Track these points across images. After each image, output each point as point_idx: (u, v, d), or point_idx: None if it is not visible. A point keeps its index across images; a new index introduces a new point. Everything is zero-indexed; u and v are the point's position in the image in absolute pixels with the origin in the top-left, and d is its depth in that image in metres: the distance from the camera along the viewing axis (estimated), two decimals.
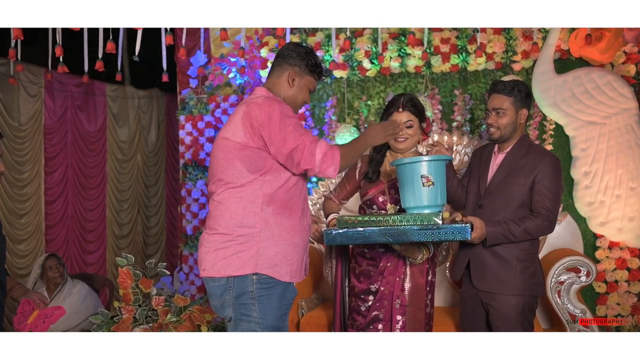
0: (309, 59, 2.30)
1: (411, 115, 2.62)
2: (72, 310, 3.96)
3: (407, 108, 2.62)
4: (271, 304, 2.17)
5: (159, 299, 2.99)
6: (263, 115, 2.11)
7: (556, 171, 2.62)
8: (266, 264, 2.14)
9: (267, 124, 2.11)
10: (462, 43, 4.05)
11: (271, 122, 2.10)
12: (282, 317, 2.22)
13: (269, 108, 2.12)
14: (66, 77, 5.96)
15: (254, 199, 2.14)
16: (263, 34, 4.54)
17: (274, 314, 2.17)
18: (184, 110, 5.06)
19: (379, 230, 2.33)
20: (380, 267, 2.62)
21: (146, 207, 7.20)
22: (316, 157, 2.11)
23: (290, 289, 2.24)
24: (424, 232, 2.28)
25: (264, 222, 2.14)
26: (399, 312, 2.58)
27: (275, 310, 2.18)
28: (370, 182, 2.71)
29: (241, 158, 2.14)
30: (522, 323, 2.60)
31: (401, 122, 2.59)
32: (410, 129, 2.61)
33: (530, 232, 2.55)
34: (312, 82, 2.34)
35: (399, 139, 2.61)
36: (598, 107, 3.76)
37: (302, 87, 2.32)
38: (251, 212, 2.15)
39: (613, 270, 3.82)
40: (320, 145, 2.13)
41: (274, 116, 2.11)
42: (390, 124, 2.39)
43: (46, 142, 6.02)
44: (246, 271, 2.13)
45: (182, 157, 5.11)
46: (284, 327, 2.23)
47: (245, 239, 2.14)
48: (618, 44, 3.65)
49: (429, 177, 2.32)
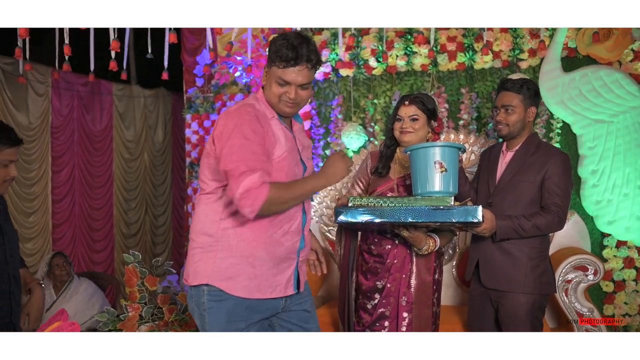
0: (271, 47, 2.07)
1: (417, 110, 2.62)
2: (78, 309, 3.98)
3: (414, 103, 2.63)
4: (219, 318, 2.03)
5: (165, 297, 3.00)
6: (219, 127, 2.02)
7: (566, 168, 2.61)
8: (219, 275, 2.02)
9: (219, 137, 2.00)
10: (469, 41, 4.03)
11: (222, 135, 1.99)
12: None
13: (227, 119, 2.01)
14: (73, 77, 5.98)
15: (216, 207, 2.06)
16: (269, 33, 4.54)
17: (221, 329, 2.02)
18: (190, 109, 5.07)
19: (390, 210, 2.31)
20: (387, 264, 2.62)
21: (154, 206, 7.22)
22: (238, 191, 1.89)
23: (248, 304, 2.05)
24: (435, 212, 2.27)
25: (222, 231, 2.04)
26: (406, 310, 2.58)
27: (222, 325, 2.03)
28: (379, 178, 2.72)
29: (208, 165, 2.08)
30: (531, 322, 2.59)
31: (405, 116, 2.60)
32: (416, 122, 2.62)
33: (540, 227, 2.54)
34: (276, 72, 2.04)
35: (404, 132, 2.62)
36: (606, 105, 3.74)
37: (270, 81, 2.09)
38: (211, 220, 2.06)
39: (621, 269, 3.81)
40: (250, 180, 1.89)
41: (227, 130, 1.98)
42: (343, 153, 2.20)
43: (53, 141, 6.04)
44: (201, 281, 2.04)
45: (188, 155, 5.13)
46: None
47: (206, 249, 2.05)
48: (626, 41, 3.63)
49: (442, 162, 2.32)
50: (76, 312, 3.97)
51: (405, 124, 2.62)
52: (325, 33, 4.34)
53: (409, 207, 2.30)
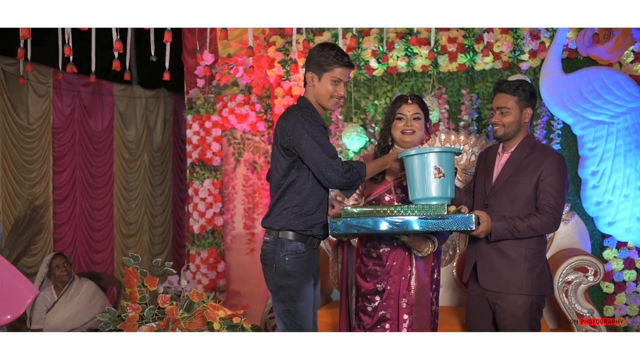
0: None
1: (419, 109, 2.64)
2: (79, 309, 3.98)
3: (415, 101, 2.65)
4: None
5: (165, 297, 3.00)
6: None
7: (561, 169, 2.62)
8: None
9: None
10: (469, 42, 4.04)
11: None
12: None
13: None
14: (74, 77, 5.99)
15: None
16: (270, 34, 4.55)
17: None
18: (191, 110, 5.08)
19: (384, 220, 2.32)
20: (387, 267, 2.62)
21: (153, 207, 7.22)
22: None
23: None
24: (428, 222, 2.29)
25: None
26: (406, 311, 2.58)
27: None
28: (375, 182, 2.71)
29: None
30: (529, 323, 2.60)
31: (408, 114, 2.61)
32: (418, 121, 2.63)
33: (534, 228, 2.55)
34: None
35: (407, 131, 2.62)
36: (606, 107, 3.74)
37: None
38: None
39: (621, 270, 3.81)
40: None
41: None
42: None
43: (54, 142, 6.04)
44: None
45: (189, 156, 5.14)
46: None
47: None
48: (627, 43, 3.64)
49: (440, 168, 2.33)
50: (77, 313, 3.98)
51: (408, 122, 2.61)
52: (326, 34, 4.35)
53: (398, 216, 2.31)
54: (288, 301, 2.44)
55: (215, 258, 5.03)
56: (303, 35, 4.20)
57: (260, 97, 4.83)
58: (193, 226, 5.08)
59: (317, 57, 2.44)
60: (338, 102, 2.50)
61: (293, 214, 2.44)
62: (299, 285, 2.43)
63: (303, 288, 2.44)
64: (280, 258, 2.44)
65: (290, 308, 2.43)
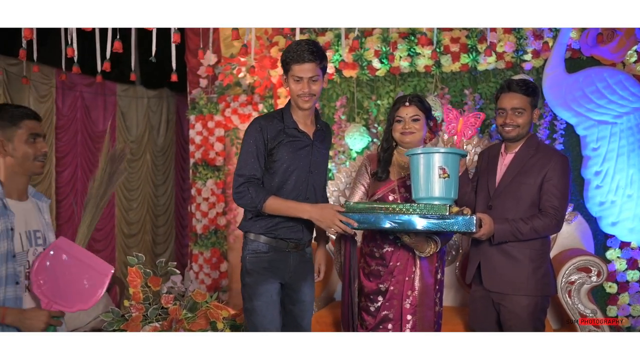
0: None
1: (418, 110, 2.63)
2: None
3: (413, 103, 2.64)
4: None
5: (169, 297, 3.00)
6: None
7: (565, 170, 2.61)
8: None
9: None
10: (472, 42, 4.03)
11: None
12: None
13: None
14: (77, 77, 6.00)
15: None
16: (273, 34, 4.55)
17: None
18: (194, 110, 5.08)
19: (385, 217, 2.32)
20: (390, 267, 2.62)
21: (155, 207, 7.23)
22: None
23: None
24: (429, 221, 2.28)
25: None
26: (410, 312, 2.58)
27: None
28: (379, 182, 2.72)
29: None
30: (534, 323, 2.59)
31: (406, 117, 2.61)
32: (417, 122, 2.62)
33: (537, 230, 2.54)
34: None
35: (406, 133, 2.62)
36: (609, 107, 3.73)
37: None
38: None
39: (624, 271, 3.80)
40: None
41: None
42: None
43: (57, 142, 6.06)
44: None
45: (192, 156, 5.14)
46: None
47: None
48: (630, 43, 3.64)
49: (445, 168, 2.32)
50: (80, 312, 3.98)
51: (407, 124, 2.62)
52: (329, 34, 4.35)
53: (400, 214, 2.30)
54: (246, 299, 2.47)
55: (218, 258, 5.04)
56: (306, 35, 4.21)
57: (263, 97, 4.84)
58: (196, 226, 5.08)
59: (282, 59, 2.43)
60: (310, 99, 2.41)
61: (250, 218, 2.49)
62: (256, 284, 2.43)
63: (259, 287, 2.43)
64: (243, 257, 2.49)
65: (247, 306, 2.46)
